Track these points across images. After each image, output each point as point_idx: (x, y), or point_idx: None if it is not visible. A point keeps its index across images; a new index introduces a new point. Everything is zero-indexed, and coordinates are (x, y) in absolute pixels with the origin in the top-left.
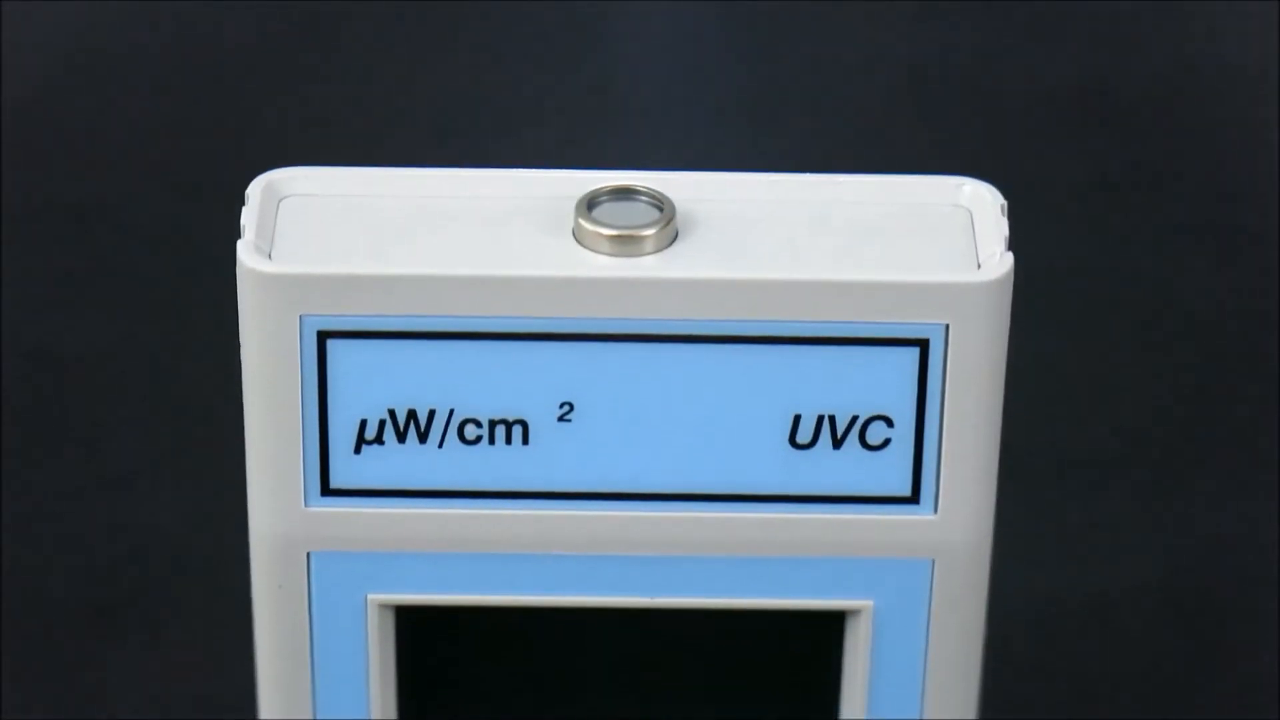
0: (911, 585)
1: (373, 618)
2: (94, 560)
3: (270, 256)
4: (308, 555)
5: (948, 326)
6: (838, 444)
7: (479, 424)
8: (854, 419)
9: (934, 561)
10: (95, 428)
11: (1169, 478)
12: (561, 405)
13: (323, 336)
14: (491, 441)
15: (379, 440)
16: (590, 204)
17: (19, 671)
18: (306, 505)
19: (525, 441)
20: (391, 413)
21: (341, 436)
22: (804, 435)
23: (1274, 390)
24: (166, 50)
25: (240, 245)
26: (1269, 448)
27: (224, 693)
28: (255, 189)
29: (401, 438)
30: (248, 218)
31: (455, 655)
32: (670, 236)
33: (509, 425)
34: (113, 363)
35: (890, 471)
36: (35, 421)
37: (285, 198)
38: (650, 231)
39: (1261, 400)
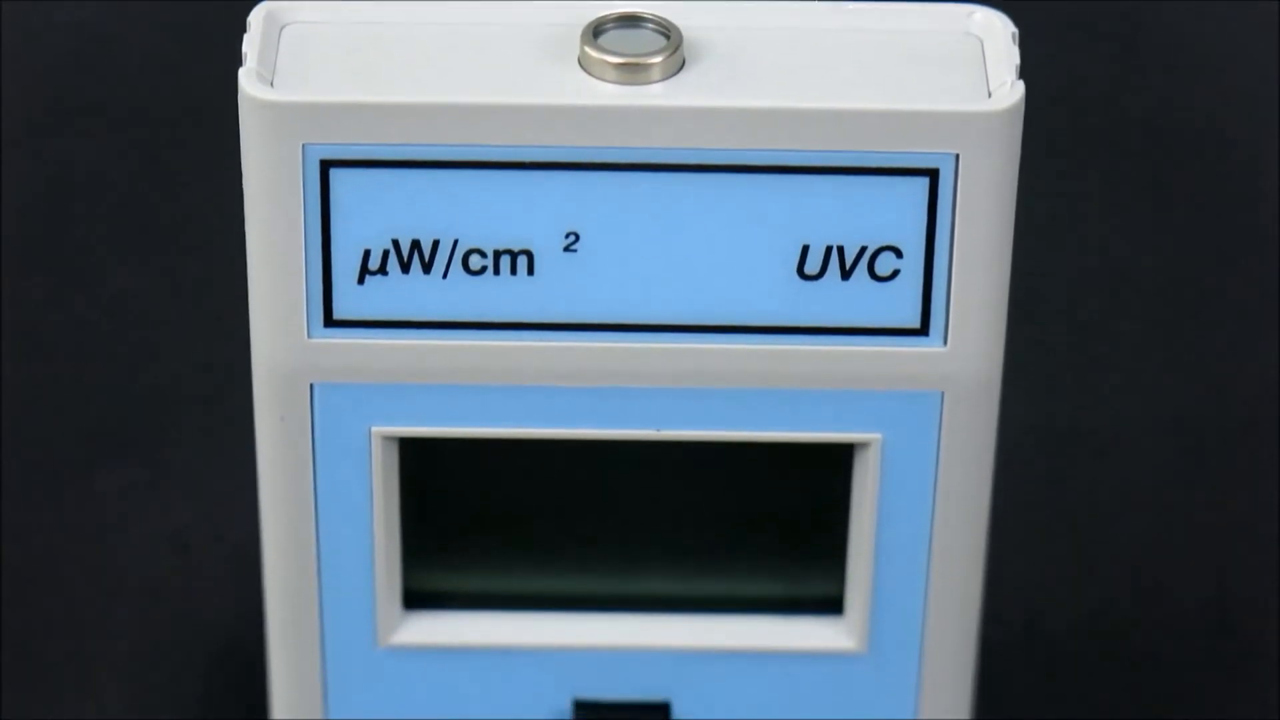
0: (920, 418)
1: (376, 449)
2: (96, 389)
3: (272, 84)
4: (311, 387)
5: (958, 156)
6: (846, 275)
7: (483, 254)
8: (863, 250)
9: (943, 394)
10: (96, 258)
11: (1178, 310)
12: (567, 235)
13: (326, 165)
14: (496, 272)
15: (383, 271)
16: (596, 31)
17: (19, 496)
18: (309, 336)
19: (530, 272)
20: (395, 243)
21: (345, 267)
22: (812, 266)
23: None
24: None
25: (242, 73)
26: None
27: (227, 526)
28: (256, 17)
29: (405, 268)
30: (249, 46)
31: (458, 488)
32: (677, 64)
33: (514, 255)
34: (114, 193)
35: (899, 303)
36: (37, 252)
37: (287, 25)
38: (657, 59)
39: (1273, 233)
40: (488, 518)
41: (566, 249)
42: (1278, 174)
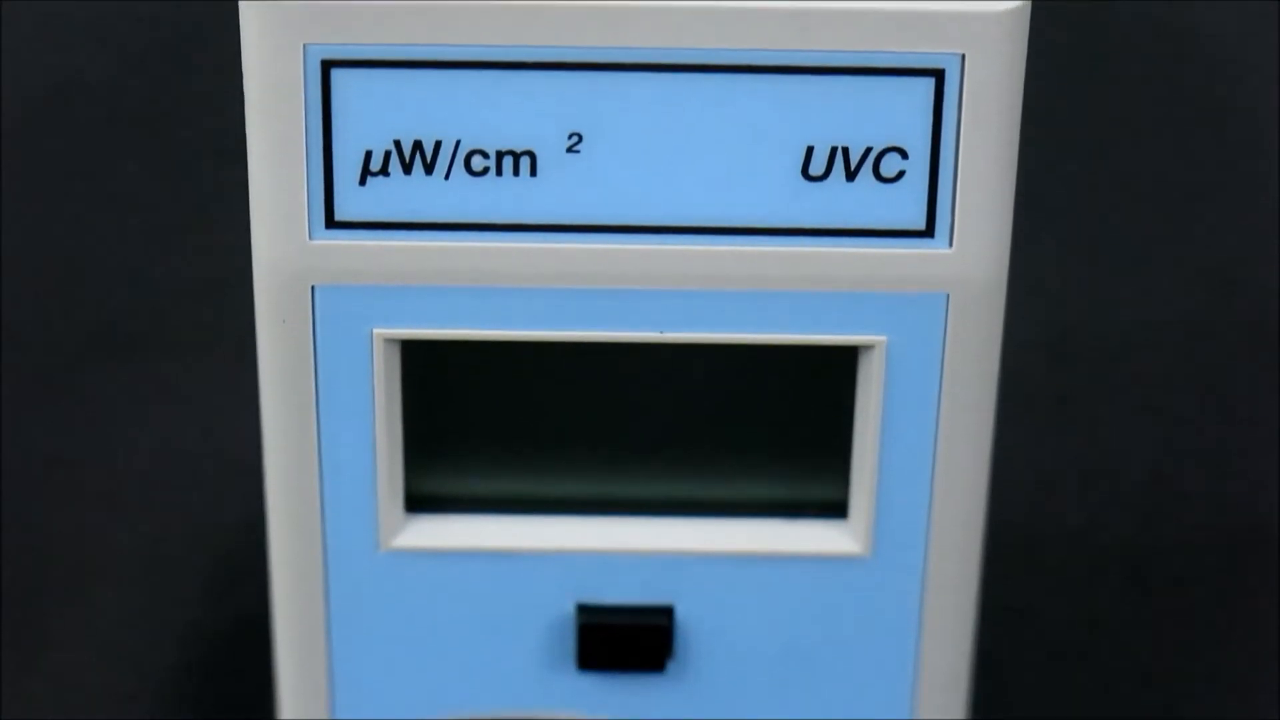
0: (925, 320)
1: (377, 352)
2: (95, 293)
3: None
4: (312, 289)
5: (964, 56)
6: (851, 177)
7: (486, 155)
8: (868, 151)
9: (948, 296)
10: (98, 160)
11: (1186, 212)
12: (570, 136)
13: (327, 65)
14: (499, 173)
15: (384, 172)
16: None
17: (21, 398)
18: (311, 238)
19: (533, 173)
20: (397, 144)
21: (346, 168)
22: (817, 167)
23: None
24: None
25: None
26: None
27: (228, 430)
28: None
29: (407, 169)
30: None
31: (461, 391)
32: None
33: (516, 156)
34: (114, 95)
35: (904, 204)
36: (37, 155)
37: None
38: None
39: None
40: (490, 421)
41: (569, 150)
42: (1277, 78)
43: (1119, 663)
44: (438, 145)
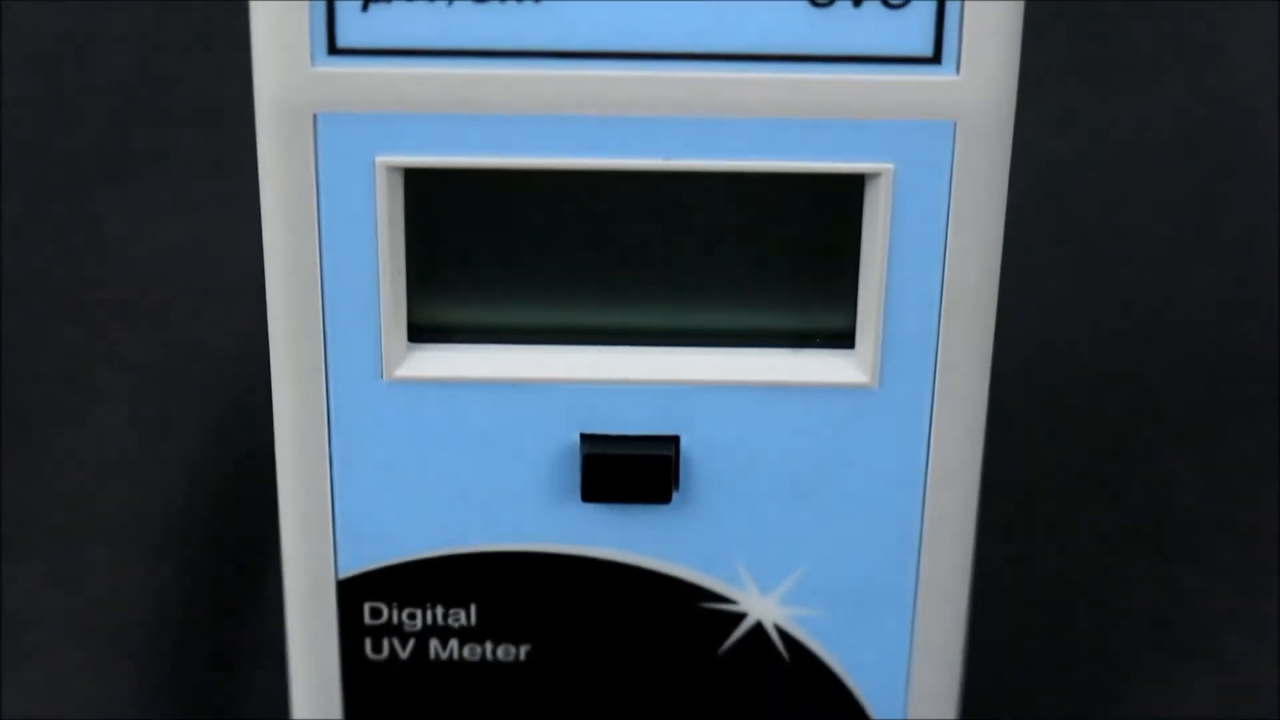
0: (933, 148)
1: (380, 180)
2: (95, 117)
3: None
4: (314, 117)
5: None
6: (858, 2)
7: None
8: None
9: (955, 124)
10: None
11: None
12: None
13: None
14: None
15: None
16: None
17: (22, 220)
18: (313, 65)
19: None
20: None
21: None
22: None
23: None
24: None
25: None
26: None
27: (229, 260)
28: None
29: None
30: None
31: (465, 220)
32: None
33: None
34: None
35: (912, 30)
36: None
37: None
38: None
39: None
40: (494, 250)
41: None
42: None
43: (1129, 490)
44: None
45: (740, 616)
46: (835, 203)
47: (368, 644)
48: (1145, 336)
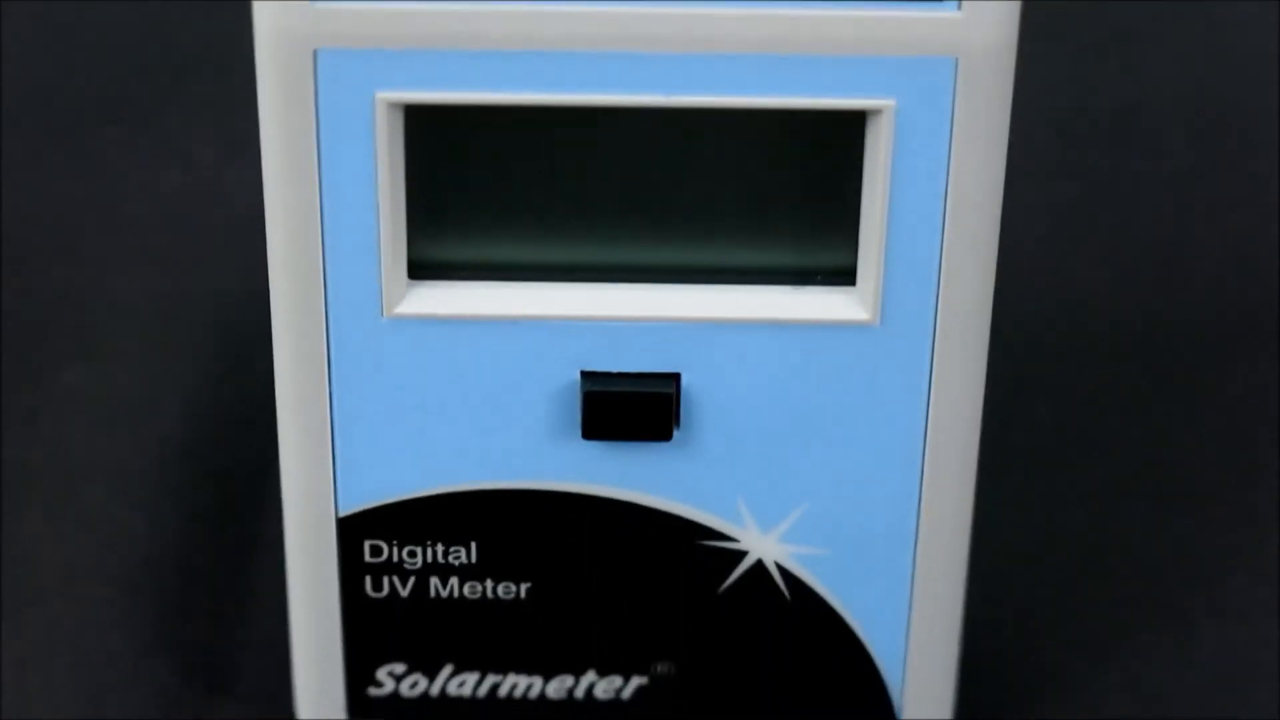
0: (934, 84)
1: (381, 116)
2: (96, 56)
3: None
4: (314, 53)
5: None
6: None
7: None
8: None
9: (958, 60)
10: None
11: None
12: None
13: None
14: None
15: None
16: None
17: (21, 160)
18: (313, 0)
19: None
20: None
21: None
22: None
23: None
24: None
25: None
26: None
27: (230, 197)
28: None
29: None
30: None
31: (465, 157)
32: None
33: None
34: None
35: None
36: None
37: None
38: None
39: None
40: (495, 187)
41: None
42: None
43: (1127, 426)
44: None
45: (741, 554)
46: (837, 139)
47: (368, 582)
48: (1150, 279)
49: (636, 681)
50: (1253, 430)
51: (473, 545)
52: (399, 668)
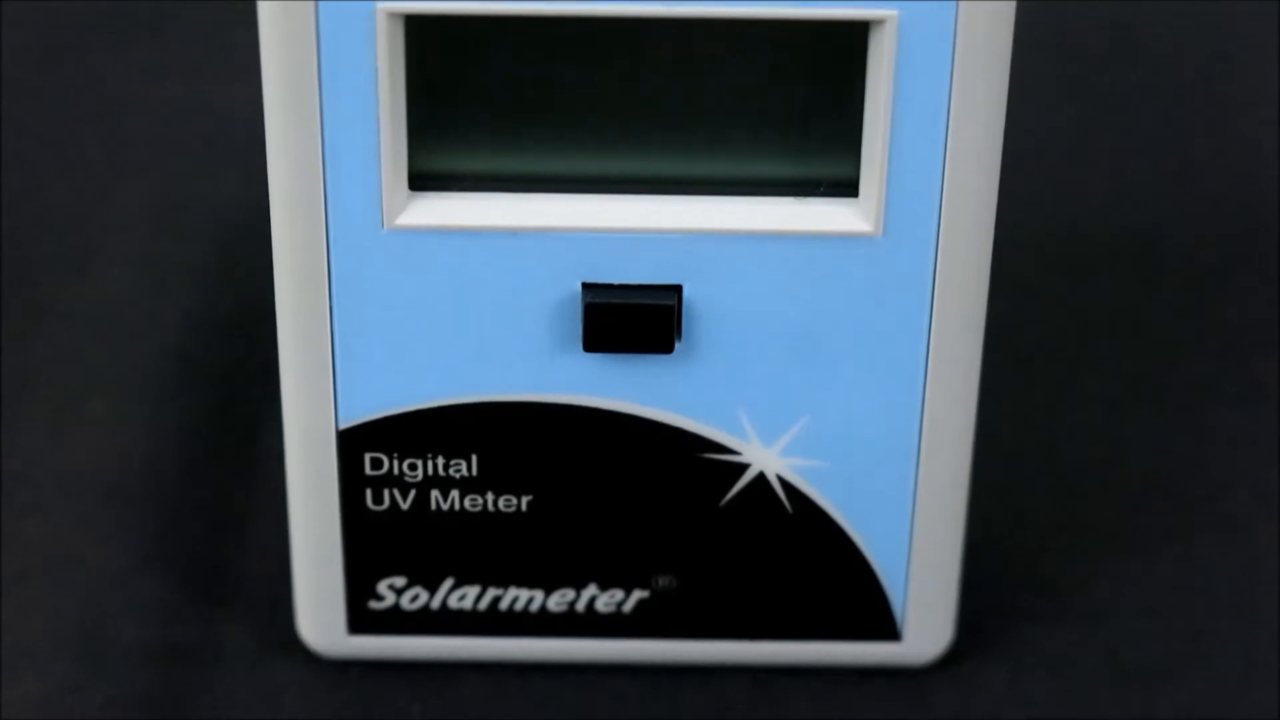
0: None
1: (381, 28)
2: None
3: None
4: None
5: None
6: None
7: None
8: None
9: None
10: None
11: None
12: None
13: None
14: None
15: None
16: None
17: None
18: None
19: None
20: None
21: None
22: None
23: None
24: None
25: None
26: None
27: (231, 109)
28: None
29: None
30: None
31: (466, 69)
32: None
33: None
34: None
35: None
36: None
37: None
38: None
39: None
40: (496, 99)
41: None
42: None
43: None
44: None
45: (743, 467)
46: (839, 50)
47: (368, 495)
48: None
49: (638, 595)
50: (1258, 338)
51: (473, 458)
52: (399, 581)
